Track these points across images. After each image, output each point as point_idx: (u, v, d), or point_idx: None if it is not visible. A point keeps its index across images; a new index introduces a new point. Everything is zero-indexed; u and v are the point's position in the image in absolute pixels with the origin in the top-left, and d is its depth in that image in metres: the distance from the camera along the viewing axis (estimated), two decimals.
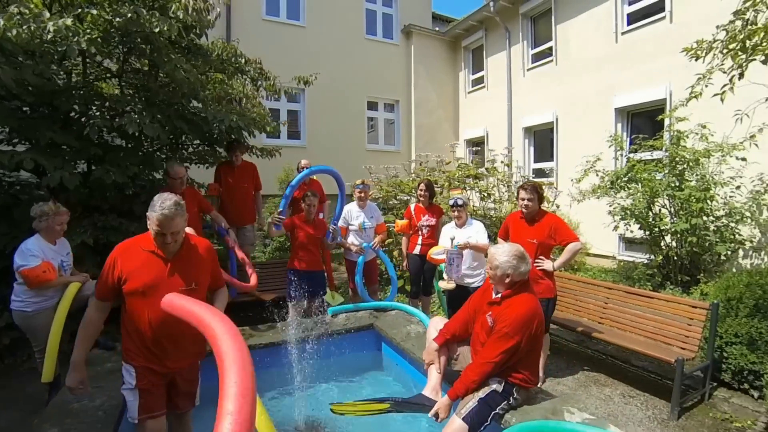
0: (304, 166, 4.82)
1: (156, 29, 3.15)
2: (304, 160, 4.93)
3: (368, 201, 4.16)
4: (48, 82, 3.24)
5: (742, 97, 3.16)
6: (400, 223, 4.26)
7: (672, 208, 4.77)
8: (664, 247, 4.86)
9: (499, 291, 2.18)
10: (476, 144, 10.31)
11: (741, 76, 2.73)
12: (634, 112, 6.76)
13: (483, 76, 9.96)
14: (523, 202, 3.06)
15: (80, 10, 3.14)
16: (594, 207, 5.56)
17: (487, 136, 9.77)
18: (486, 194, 6.08)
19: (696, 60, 2.92)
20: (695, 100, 3.10)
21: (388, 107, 10.38)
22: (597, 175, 5.27)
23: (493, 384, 2.04)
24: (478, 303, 2.33)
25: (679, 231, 4.45)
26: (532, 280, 2.91)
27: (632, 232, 5.14)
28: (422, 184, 4.11)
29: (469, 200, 6.15)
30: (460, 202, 3.46)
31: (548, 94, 8.09)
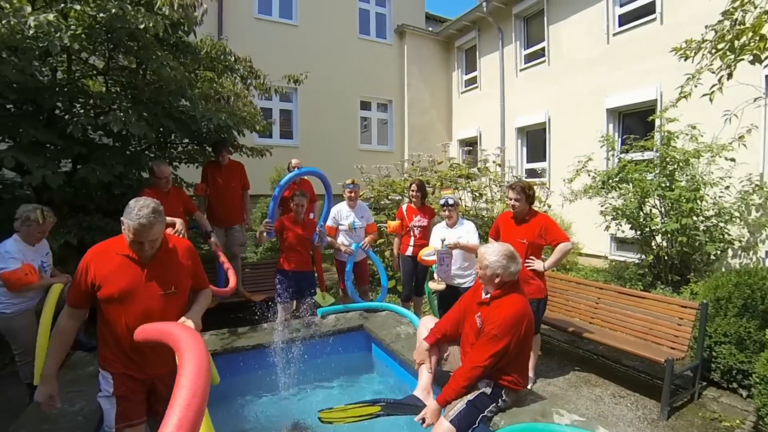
0: (294, 166, 4.77)
1: (141, 25, 3.09)
2: (294, 160, 4.88)
3: (358, 201, 4.12)
4: (31, 78, 3.16)
5: (731, 98, 3.19)
6: (392, 223, 4.22)
7: (662, 208, 4.79)
8: (654, 247, 4.89)
9: (488, 291, 2.16)
10: (469, 144, 10.32)
11: (729, 76, 2.73)
12: (625, 112, 6.80)
13: (476, 76, 9.97)
14: (511, 202, 3.08)
15: (63, 5, 3.07)
16: (586, 207, 5.58)
17: (480, 136, 9.78)
18: (478, 194, 6.06)
19: (685, 60, 2.92)
20: (685, 101, 3.11)
21: (381, 107, 10.35)
22: (589, 175, 5.29)
23: (481, 386, 2.01)
24: (468, 303, 2.31)
25: (669, 231, 4.48)
26: (523, 280, 2.90)
27: (623, 232, 5.16)
28: (413, 185, 4.08)
29: (461, 200, 6.14)
30: (450, 202, 3.44)
31: (541, 94, 8.11)
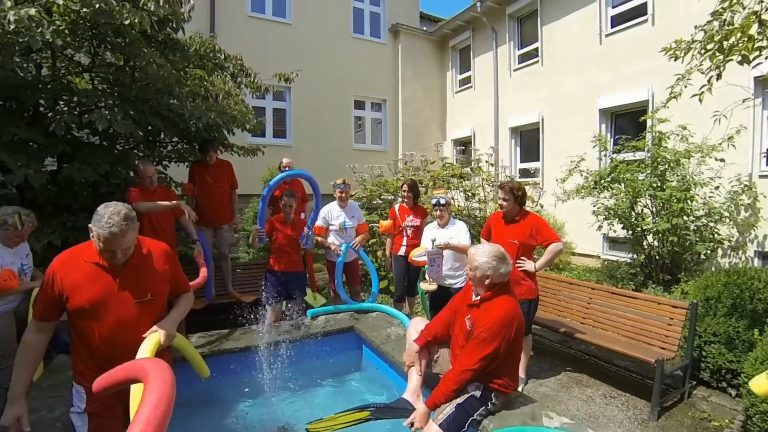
0: (285, 165, 4.73)
1: (126, 21, 3.02)
2: (285, 159, 4.83)
3: (350, 200, 4.07)
4: (12, 74, 3.08)
5: (720, 99, 3.20)
6: (385, 223, 4.19)
7: (654, 208, 4.82)
8: (646, 247, 4.91)
9: (478, 293, 2.14)
10: (463, 144, 10.32)
11: (719, 77, 2.74)
12: (618, 113, 6.84)
13: (470, 76, 9.97)
14: (500, 202, 3.09)
15: (46, 0, 2.99)
16: (579, 207, 5.59)
17: (474, 136, 9.78)
18: (471, 194, 6.05)
19: (675, 60, 2.92)
20: (675, 101, 3.12)
21: (375, 106, 10.31)
22: (581, 175, 5.30)
23: (471, 389, 1.98)
24: (458, 304, 2.28)
25: (660, 231, 4.50)
26: (514, 281, 2.89)
27: (615, 231, 5.18)
28: (405, 185, 4.05)
29: (454, 200, 6.13)
30: (442, 202, 3.41)
31: (534, 94, 8.13)
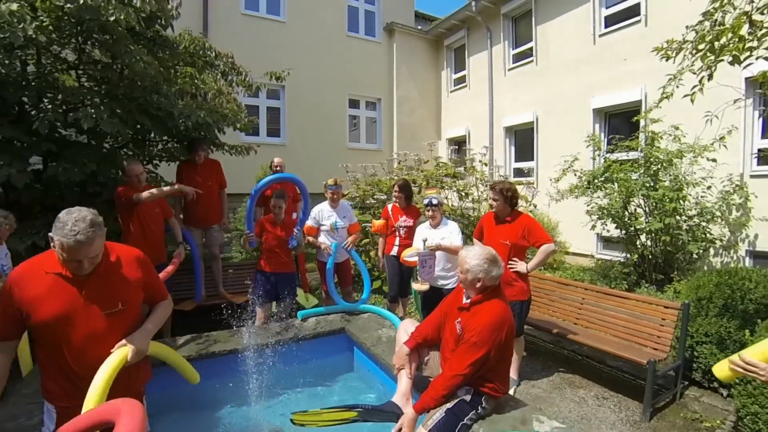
0: (277, 165, 4.68)
1: (112, 17, 2.96)
2: (277, 159, 4.77)
3: (341, 200, 4.03)
4: None
5: (712, 100, 3.19)
6: (377, 223, 4.15)
7: (647, 208, 4.83)
8: (639, 246, 4.92)
9: (469, 296, 2.11)
10: (458, 143, 10.30)
11: (710, 77, 2.73)
12: (611, 112, 6.85)
13: (465, 75, 9.96)
14: (490, 202, 3.09)
15: None
16: (572, 206, 5.59)
17: (468, 136, 9.77)
18: (464, 194, 6.02)
19: (666, 60, 2.92)
20: (668, 101, 3.12)
21: (370, 105, 10.26)
22: (575, 174, 5.30)
23: (461, 394, 1.95)
24: (449, 306, 2.25)
25: (653, 230, 4.51)
26: (506, 282, 2.88)
27: (609, 231, 5.19)
28: (396, 185, 4.01)
29: (447, 199, 6.10)
30: (434, 202, 3.38)
31: (529, 94, 8.13)
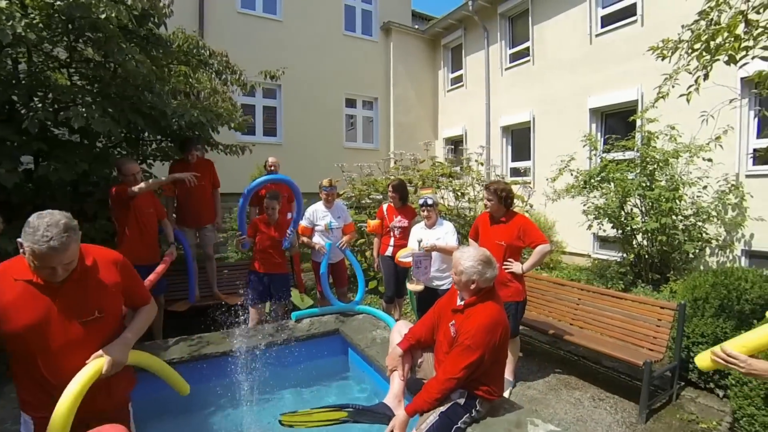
0: (271, 164, 4.64)
1: (103, 15, 2.92)
2: (271, 158, 4.74)
3: (336, 200, 4.00)
4: None
5: (708, 99, 3.19)
6: (372, 222, 4.13)
7: (643, 208, 4.82)
8: (635, 246, 4.92)
9: (463, 297, 2.09)
10: (455, 142, 10.29)
11: (706, 77, 2.72)
12: (607, 112, 6.84)
13: (462, 74, 9.94)
14: (485, 202, 3.08)
15: None
16: (569, 206, 5.58)
17: (465, 135, 9.76)
18: (460, 193, 6.00)
19: (662, 60, 2.90)
20: (664, 101, 3.10)
21: (366, 104, 10.24)
22: (571, 174, 5.29)
23: (454, 397, 1.93)
24: (443, 308, 2.23)
25: (649, 230, 4.51)
26: (502, 283, 2.86)
27: (605, 231, 5.19)
28: (391, 186, 3.98)
29: (443, 199, 6.08)
30: (429, 202, 3.36)
31: (525, 93, 8.12)
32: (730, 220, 4.97)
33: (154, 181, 3.35)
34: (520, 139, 8.56)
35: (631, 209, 4.92)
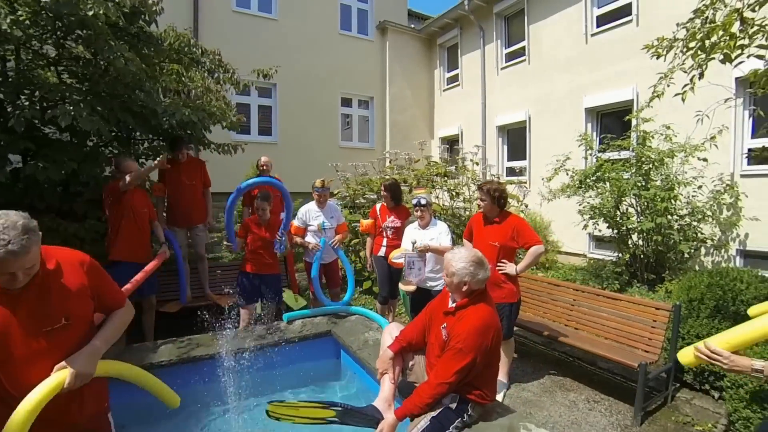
0: (263, 164, 4.60)
1: (90, 12, 2.87)
2: (264, 158, 4.69)
3: (329, 200, 3.96)
4: None
5: (703, 99, 3.17)
6: (365, 222, 4.09)
7: (638, 207, 4.81)
8: (631, 246, 4.90)
9: (455, 300, 2.05)
10: (451, 142, 10.27)
11: (701, 76, 2.70)
12: (603, 112, 6.84)
13: (458, 74, 9.91)
14: (478, 202, 3.07)
15: None
16: (565, 206, 5.56)
17: (461, 135, 9.73)
18: (455, 193, 5.97)
19: (657, 58, 2.88)
20: (659, 101, 3.08)
21: (362, 104, 10.19)
22: (567, 174, 5.27)
23: (446, 401, 1.89)
24: (434, 310, 2.19)
25: (644, 230, 4.49)
26: (495, 284, 2.82)
27: (600, 230, 5.17)
28: (383, 185, 3.94)
29: (438, 199, 6.04)
30: (423, 202, 3.32)
31: (521, 93, 8.10)
32: (725, 219, 4.97)
33: (139, 171, 3.32)
34: (515, 138, 8.54)
35: (627, 209, 4.90)
